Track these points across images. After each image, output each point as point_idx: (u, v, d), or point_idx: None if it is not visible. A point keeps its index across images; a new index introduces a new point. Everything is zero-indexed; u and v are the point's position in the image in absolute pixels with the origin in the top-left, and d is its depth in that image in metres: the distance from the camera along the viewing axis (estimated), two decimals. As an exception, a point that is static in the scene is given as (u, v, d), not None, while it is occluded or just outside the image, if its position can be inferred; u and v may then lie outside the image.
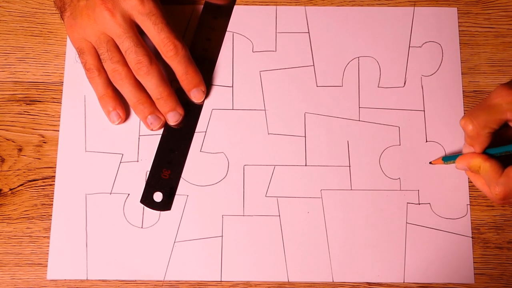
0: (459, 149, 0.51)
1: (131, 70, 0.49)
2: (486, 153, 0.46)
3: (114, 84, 0.50)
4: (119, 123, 0.51)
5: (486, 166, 0.45)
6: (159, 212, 0.50)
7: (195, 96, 0.51)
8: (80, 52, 0.50)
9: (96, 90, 0.51)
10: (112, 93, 0.51)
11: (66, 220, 0.50)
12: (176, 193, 0.50)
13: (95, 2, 0.48)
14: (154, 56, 0.49)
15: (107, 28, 0.49)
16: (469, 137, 0.46)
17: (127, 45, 0.48)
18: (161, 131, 0.51)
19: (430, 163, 0.51)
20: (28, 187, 0.51)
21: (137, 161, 0.51)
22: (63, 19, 0.51)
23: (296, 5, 0.55)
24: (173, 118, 0.51)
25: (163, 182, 0.50)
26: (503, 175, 0.44)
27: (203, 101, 0.52)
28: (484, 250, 0.50)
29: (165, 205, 0.50)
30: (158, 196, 0.50)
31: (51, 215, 0.50)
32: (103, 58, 0.49)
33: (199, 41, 0.53)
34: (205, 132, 0.52)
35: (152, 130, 0.51)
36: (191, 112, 0.52)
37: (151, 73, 0.49)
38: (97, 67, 0.50)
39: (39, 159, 0.51)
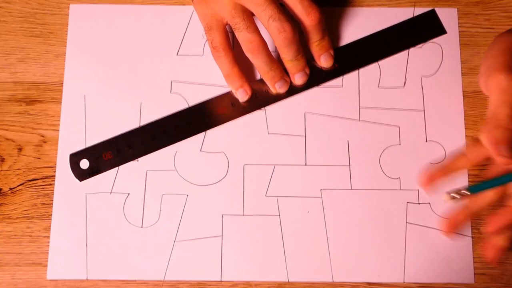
0: (460, 148, 0.51)
1: (265, 41, 0.49)
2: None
3: (248, 55, 0.49)
4: (246, 100, 0.51)
5: None
6: (159, 211, 0.50)
7: (325, 60, 0.52)
8: (208, 29, 0.50)
9: (222, 68, 0.51)
10: (238, 71, 0.50)
11: (66, 220, 0.50)
12: (176, 193, 0.50)
13: None
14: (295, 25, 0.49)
15: (246, 1, 0.48)
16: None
17: (270, 12, 0.47)
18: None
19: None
20: (28, 187, 0.51)
21: (137, 160, 0.51)
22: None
23: (296, 5, 0.55)
24: (302, 79, 0.51)
25: (101, 161, 0.51)
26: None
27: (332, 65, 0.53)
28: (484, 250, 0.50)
29: (84, 174, 0.50)
30: (84, 164, 0.51)
31: (51, 215, 0.50)
32: (237, 28, 0.48)
33: None
34: (205, 132, 0.52)
35: (278, 93, 0.52)
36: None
37: (293, 41, 0.48)
38: (223, 45, 0.49)
39: (39, 158, 0.51)
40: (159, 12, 0.54)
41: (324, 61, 0.52)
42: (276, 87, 0.51)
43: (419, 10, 0.54)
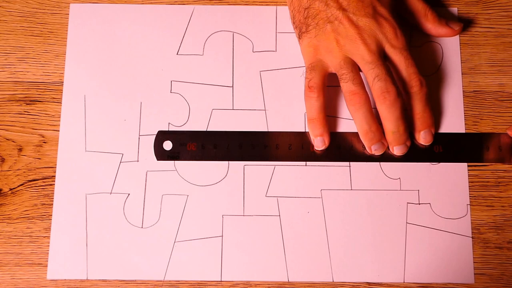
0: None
1: (369, 97, 0.48)
2: None
3: (349, 107, 0.49)
4: (321, 151, 0.51)
5: None
6: (159, 212, 0.50)
7: (425, 137, 0.50)
8: (311, 68, 0.49)
9: (309, 110, 0.50)
10: (324, 118, 0.50)
11: (66, 220, 0.50)
12: (176, 193, 0.50)
13: (349, 31, 0.48)
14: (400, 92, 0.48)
15: (356, 55, 0.48)
16: None
17: (377, 72, 0.47)
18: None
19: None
20: (28, 187, 0.51)
21: (137, 161, 0.51)
22: (300, 38, 0.51)
23: (296, 5, 0.55)
24: (401, 151, 0.50)
25: (184, 149, 0.51)
26: None
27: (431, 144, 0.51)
28: (484, 250, 0.50)
29: (164, 155, 0.50)
30: (167, 145, 0.51)
31: (51, 215, 0.50)
32: (343, 78, 0.48)
33: None
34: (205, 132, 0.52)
35: (374, 154, 0.51)
36: None
37: (395, 105, 0.47)
38: (319, 88, 0.49)
39: (39, 159, 0.51)
40: (159, 11, 0.54)
41: (423, 138, 0.51)
42: (372, 149, 0.50)
43: (419, 10, 0.54)
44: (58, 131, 0.52)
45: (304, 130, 0.52)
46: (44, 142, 0.51)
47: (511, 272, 0.49)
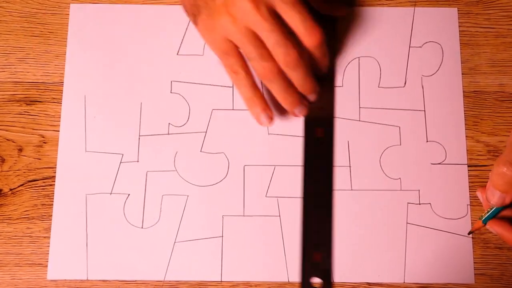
0: (459, 149, 0.51)
1: (279, 66, 0.47)
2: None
3: (264, 82, 0.48)
4: (269, 125, 0.50)
5: None
6: (159, 212, 0.50)
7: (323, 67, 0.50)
8: (224, 54, 0.48)
9: (243, 92, 0.49)
10: (260, 94, 0.49)
11: (66, 220, 0.50)
12: (177, 193, 0.50)
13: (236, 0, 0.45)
14: (299, 46, 0.47)
15: (251, 22, 0.45)
16: (507, 184, 0.45)
17: (275, 38, 0.45)
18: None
19: (470, 233, 0.50)
20: (29, 187, 0.51)
21: (137, 161, 0.51)
22: (196, 24, 0.49)
23: (296, 5, 0.54)
24: (313, 97, 0.50)
25: (316, 266, 0.50)
26: None
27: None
28: (484, 250, 0.50)
29: None
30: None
31: (51, 215, 0.50)
32: (250, 57, 0.47)
33: None
34: (205, 132, 0.52)
35: (297, 116, 0.51)
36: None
37: (300, 65, 0.47)
38: (244, 68, 0.48)
39: (39, 159, 0.51)
40: (159, 11, 0.54)
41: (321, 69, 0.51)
42: (296, 112, 0.50)
43: (419, 10, 0.54)
44: (58, 131, 0.52)
45: (303, 130, 0.52)
46: (44, 143, 0.51)
47: (511, 272, 0.49)
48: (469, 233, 0.50)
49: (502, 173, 0.44)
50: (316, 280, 0.49)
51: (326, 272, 0.49)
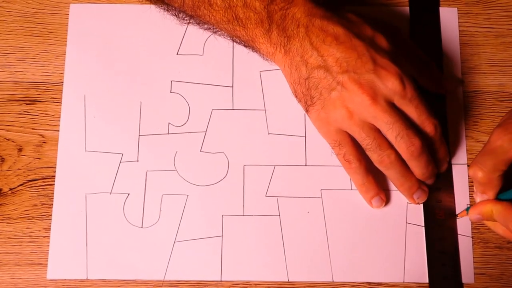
0: (459, 148, 0.51)
1: (398, 154, 0.47)
2: (498, 198, 0.46)
3: (381, 169, 0.48)
4: (381, 207, 0.50)
5: (498, 208, 0.45)
6: (159, 212, 0.50)
7: (441, 168, 0.50)
8: (337, 145, 0.48)
9: (355, 179, 0.49)
10: (372, 179, 0.49)
11: (66, 220, 0.50)
12: (176, 193, 0.50)
13: (353, 91, 0.45)
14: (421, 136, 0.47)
15: (370, 116, 0.46)
16: (480, 185, 0.46)
17: (397, 130, 0.46)
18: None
19: (456, 215, 0.50)
20: (28, 187, 0.51)
21: (137, 160, 0.51)
22: (308, 111, 0.48)
23: (296, 5, 0.54)
24: (432, 180, 0.50)
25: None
26: None
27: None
28: (484, 250, 0.50)
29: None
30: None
31: (51, 215, 0.50)
32: (369, 148, 0.47)
33: None
34: (205, 132, 0.52)
35: (418, 204, 0.50)
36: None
37: (423, 153, 0.46)
38: (357, 157, 0.48)
39: (39, 159, 0.51)
40: (159, 11, 0.54)
41: (440, 169, 0.50)
42: (415, 198, 0.50)
43: (419, 10, 0.55)
44: (58, 131, 0.52)
45: (304, 130, 0.52)
46: (44, 142, 0.51)
47: (511, 272, 0.49)
48: (455, 215, 0.50)
49: (472, 175, 0.46)
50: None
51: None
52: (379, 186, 0.50)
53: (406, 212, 0.50)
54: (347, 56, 0.45)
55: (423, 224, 0.50)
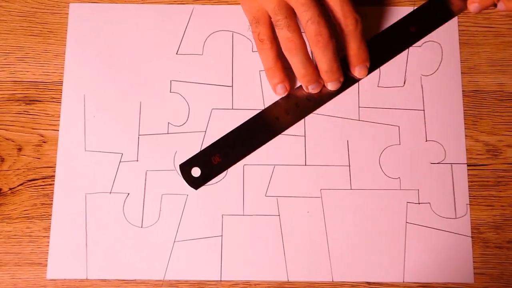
0: (459, 148, 0.51)
1: (305, 42, 0.49)
2: None
3: (286, 53, 0.49)
4: (284, 96, 0.52)
5: None
6: (158, 211, 0.50)
7: (360, 71, 0.52)
8: (255, 22, 0.50)
9: (265, 61, 0.51)
10: (281, 65, 0.51)
11: (66, 220, 0.50)
12: (176, 193, 0.50)
13: None
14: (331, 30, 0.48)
15: None
16: None
17: (310, 14, 0.47)
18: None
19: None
20: (28, 187, 0.51)
21: (137, 160, 0.51)
22: None
23: (296, 4, 0.54)
24: (335, 86, 0.51)
25: (211, 165, 0.51)
26: None
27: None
28: (483, 250, 0.50)
29: (198, 182, 0.50)
30: (196, 172, 0.51)
31: (51, 215, 0.50)
32: (278, 25, 0.48)
33: None
34: (205, 131, 0.52)
35: (311, 92, 0.52)
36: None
37: (328, 47, 0.48)
38: (270, 38, 0.50)
39: (39, 158, 0.51)
40: (158, 11, 0.54)
41: (358, 72, 0.52)
42: (309, 88, 0.51)
43: (419, 10, 0.55)
44: (58, 130, 0.52)
45: (303, 130, 0.52)
46: (44, 142, 0.51)
47: (511, 272, 0.50)
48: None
49: None
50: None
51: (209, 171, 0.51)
52: (286, 74, 0.51)
53: (406, 212, 0.50)
54: None
55: (423, 224, 0.50)
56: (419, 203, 0.50)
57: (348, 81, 0.52)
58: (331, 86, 0.51)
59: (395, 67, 0.53)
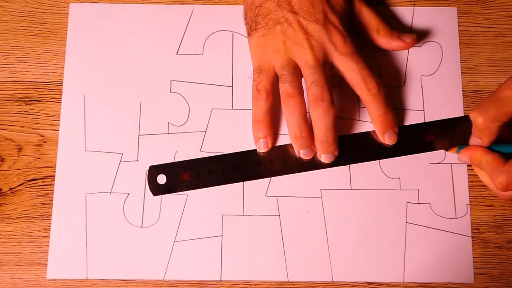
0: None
1: (305, 103, 0.48)
2: (491, 148, 0.47)
3: (284, 109, 0.48)
4: (263, 153, 0.51)
5: (488, 157, 0.46)
6: (158, 211, 0.50)
7: (389, 138, 0.50)
8: (258, 71, 0.49)
9: (255, 112, 0.50)
10: (269, 121, 0.50)
11: (66, 220, 0.50)
12: (176, 192, 0.50)
13: (298, 33, 0.48)
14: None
15: (301, 59, 0.48)
16: (478, 130, 0.47)
17: (316, 77, 0.47)
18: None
19: (446, 150, 0.51)
20: (28, 187, 0.51)
21: (137, 160, 0.51)
22: (249, 35, 0.50)
23: (296, 4, 0.54)
24: (329, 159, 0.50)
25: (178, 180, 0.50)
26: (506, 164, 0.44)
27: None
28: (483, 250, 0.50)
29: (159, 190, 0.50)
30: (161, 179, 0.50)
31: (51, 215, 0.50)
32: (283, 79, 0.48)
33: None
34: (205, 131, 0.52)
35: (301, 158, 0.50)
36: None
37: (329, 114, 0.47)
38: (267, 90, 0.49)
39: (39, 158, 0.51)
40: (158, 11, 0.54)
41: (388, 139, 0.50)
42: (301, 153, 0.49)
43: (419, 10, 0.54)
44: (58, 130, 0.52)
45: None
46: (44, 142, 0.51)
47: (511, 272, 0.50)
48: (446, 149, 0.51)
49: (473, 119, 0.47)
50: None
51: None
52: (271, 130, 0.50)
53: (406, 212, 0.50)
54: (301, 0, 0.49)
55: (423, 224, 0.50)
56: (419, 203, 0.50)
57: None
58: (324, 159, 0.50)
59: (395, 67, 0.53)
